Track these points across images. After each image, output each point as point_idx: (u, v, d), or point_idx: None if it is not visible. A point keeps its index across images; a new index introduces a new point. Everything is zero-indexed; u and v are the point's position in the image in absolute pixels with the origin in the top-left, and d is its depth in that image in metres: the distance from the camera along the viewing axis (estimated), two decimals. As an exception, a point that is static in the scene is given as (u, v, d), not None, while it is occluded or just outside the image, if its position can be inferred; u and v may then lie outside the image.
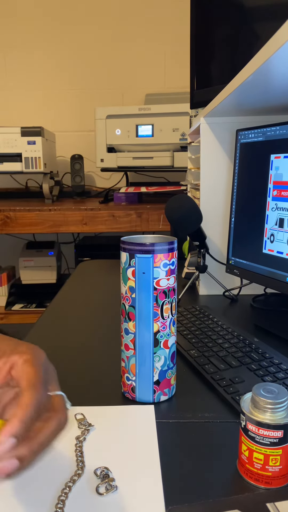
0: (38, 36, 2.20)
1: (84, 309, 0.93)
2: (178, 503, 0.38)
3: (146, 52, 2.19)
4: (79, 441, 0.46)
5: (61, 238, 2.28)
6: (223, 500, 0.38)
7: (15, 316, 1.92)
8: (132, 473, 0.42)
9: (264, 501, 0.41)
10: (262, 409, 0.39)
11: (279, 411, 0.39)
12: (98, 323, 0.84)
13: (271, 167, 0.80)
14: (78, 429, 0.49)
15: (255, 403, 0.40)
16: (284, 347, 0.71)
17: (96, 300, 0.98)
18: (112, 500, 0.38)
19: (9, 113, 2.26)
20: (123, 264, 0.53)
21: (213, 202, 0.99)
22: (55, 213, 1.70)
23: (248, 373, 0.58)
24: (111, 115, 1.86)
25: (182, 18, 2.00)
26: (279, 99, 0.78)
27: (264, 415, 0.39)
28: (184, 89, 1.80)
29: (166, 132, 1.82)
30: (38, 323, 0.85)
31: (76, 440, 0.47)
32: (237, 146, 0.91)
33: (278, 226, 0.78)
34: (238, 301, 0.97)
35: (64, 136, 2.23)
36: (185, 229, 0.93)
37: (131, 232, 1.69)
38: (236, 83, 0.66)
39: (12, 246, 2.26)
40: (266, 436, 0.39)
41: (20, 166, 1.81)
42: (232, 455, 0.44)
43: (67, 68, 2.23)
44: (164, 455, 0.44)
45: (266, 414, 0.39)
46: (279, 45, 0.47)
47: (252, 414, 0.40)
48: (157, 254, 0.51)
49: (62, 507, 0.37)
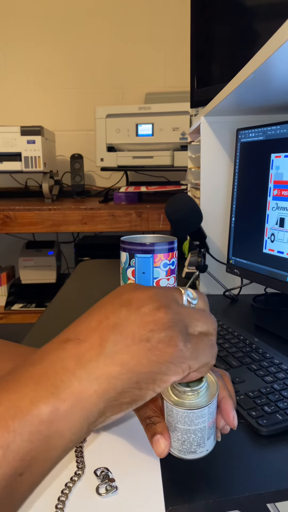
0: (38, 35, 2.20)
1: (84, 309, 0.92)
2: (178, 504, 0.38)
3: (146, 51, 2.19)
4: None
5: (61, 237, 2.27)
6: (223, 501, 0.38)
7: (15, 316, 1.92)
8: (132, 473, 0.41)
9: (264, 501, 0.41)
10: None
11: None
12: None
13: (272, 166, 0.80)
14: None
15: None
16: (285, 347, 0.71)
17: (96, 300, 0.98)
18: (112, 500, 0.38)
19: (8, 112, 2.26)
20: (123, 264, 0.53)
21: (213, 201, 0.99)
22: (54, 213, 1.70)
23: (248, 373, 0.58)
24: (111, 114, 1.86)
25: (182, 18, 1.99)
26: (279, 98, 0.78)
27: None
28: (184, 88, 1.80)
29: (166, 131, 1.81)
30: (38, 323, 0.85)
31: (76, 440, 0.47)
32: (238, 145, 0.91)
33: (279, 226, 0.78)
34: (238, 301, 0.97)
35: (64, 135, 2.22)
36: (185, 229, 0.93)
37: (131, 231, 1.69)
38: (236, 82, 0.66)
39: (11, 245, 2.25)
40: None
41: (20, 166, 1.81)
42: (232, 455, 0.44)
43: (67, 67, 2.23)
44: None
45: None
46: (279, 44, 0.47)
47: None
48: (157, 254, 0.51)
49: (62, 507, 0.37)
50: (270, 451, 0.45)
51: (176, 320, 0.31)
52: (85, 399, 0.29)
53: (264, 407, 0.50)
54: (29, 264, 2.03)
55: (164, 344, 0.30)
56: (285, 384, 0.54)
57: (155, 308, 0.31)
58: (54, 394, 0.28)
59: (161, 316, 0.31)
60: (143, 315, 0.31)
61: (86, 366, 0.29)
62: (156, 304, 0.32)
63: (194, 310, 0.34)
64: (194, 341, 0.32)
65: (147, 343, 0.30)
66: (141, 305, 0.32)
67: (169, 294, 0.34)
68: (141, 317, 0.31)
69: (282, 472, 0.41)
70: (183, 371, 0.31)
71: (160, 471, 0.42)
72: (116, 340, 0.30)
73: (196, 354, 0.32)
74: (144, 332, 0.30)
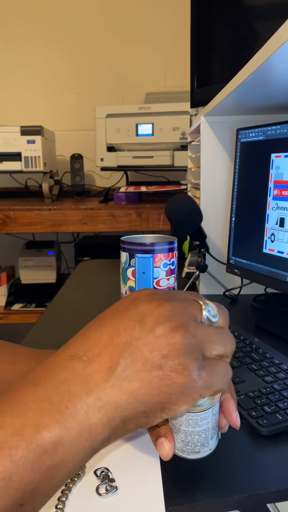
0: (38, 35, 2.20)
1: (84, 309, 0.92)
2: (178, 504, 0.38)
3: (146, 50, 2.19)
4: (79, 441, 0.46)
5: (61, 237, 2.27)
6: (223, 501, 0.38)
7: (15, 316, 1.92)
8: (132, 473, 0.41)
9: (264, 501, 0.41)
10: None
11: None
12: (98, 323, 0.84)
13: (272, 166, 0.80)
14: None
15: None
16: (285, 347, 0.71)
17: (96, 300, 0.98)
18: (112, 501, 0.38)
19: (8, 112, 2.26)
20: (123, 264, 0.53)
21: (213, 201, 0.99)
22: (54, 213, 1.70)
23: (248, 373, 0.58)
24: (111, 114, 1.86)
25: (182, 18, 1.99)
26: (279, 98, 0.78)
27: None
28: (184, 88, 1.80)
29: (166, 131, 1.81)
30: (38, 323, 0.85)
31: (76, 440, 0.47)
32: (238, 145, 0.91)
33: (279, 226, 0.78)
34: (238, 301, 0.97)
35: (64, 135, 2.22)
36: (185, 229, 0.93)
37: (131, 231, 1.69)
38: (236, 82, 0.66)
39: (11, 245, 2.25)
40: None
41: (20, 165, 1.81)
42: (232, 455, 0.44)
43: (67, 67, 2.23)
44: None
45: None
46: (279, 44, 0.47)
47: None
48: (157, 254, 0.51)
49: (62, 507, 0.37)
50: (270, 451, 0.45)
51: (193, 344, 0.29)
52: (91, 428, 0.28)
53: (264, 407, 0.50)
54: (29, 264, 2.03)
55: (177, 374, 0.29)
56: (285, 384, 0.54)
57: (171, 329, 0.29)
58: (59, 422, 0.27)
59: (177, 340, 0.29)
60: (158, 337, 0.29)
61: (93, 392, 0.28)
62: (172, 324, 0.29)
63: (213, 330, 0.32)
64: (208, 368, 0.30)
65: (159, 371, 0.29)
66: (156, 324, 0.29)
67: (188, 311, 0.31)
68: (155, 339, 0.29)
69: (282, 472, 0.41)
70: (193, 400, 0.30)
71: (160, 471, 0.42)
72: (126, 364, 0.29)
73: (209, 382, 0.30)
74: (157, 358, 0.29)
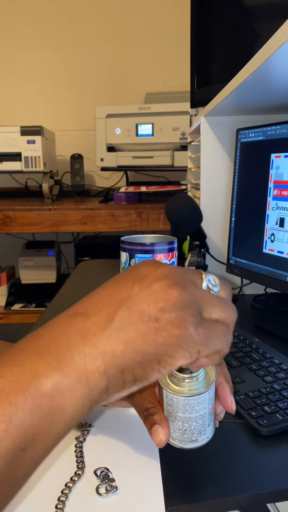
0: (38, 35, 2.20)
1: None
2: (178, 504, 0.38)
3: (146, 51, 2.19)
4: (79, 441, 0.46)
5: (61, 237, 2.27)
6: (223, 501, 0.38)
7: (15, 316, 1.92)
8: (132, 473, 0.41)
9: (264, 501, 0.41)
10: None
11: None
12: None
13: (272, 166, 0.80)
14: (78, 430, 0.49)
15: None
16: (285, 347, 0.71)
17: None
18: (112, 500, 0.38)
19: (8, 112, 2.26)
20: (123, 264, 0.53)
21: (213, 201, 0.99)
22: (54, 213, 1.70)
23: (248, 373, 0.58)
24: (111, 114, 1.86)
25: (182, 18, 1.99)
26: (279, 98, 0.78)
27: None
28: (184, 88, 1.79)
29: (166, 131, 1.81)
30: (38, 323, 0.85)
31: (76, 440, 0.47)
32: (238, 145, 0.91)
33: (279, 226, 0.78)
34: (238, 301, 0.97)
35: (63, 135, 2.22)
36: (185, 229, 0.93)
37: (131, 231, 1.69)
38: (236, 82, 0.66)
39: (11, 245, 2.25)
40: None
41: (20, 166, 1.81)
42: (232, 455, 0.44)
43: (67, 67, 2.23)
44: (164, 456, 0.44)
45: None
46: (279, 44, 0.47)
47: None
48: (157, 254, 0.51)
49: (62, 507, 0.37)
50: (270, 451, 0.45)
51: (190, 301, 0.30)
52: (88, 375, 0.28)
53: (264, 407, 0.50)
54: (29, 264, 2.03)
55: (173, 326, 0.29)
56: (285, 384, 0.54)
57: (168, 286, 0.29)
58: (56, 369, 0.28)
59: (174, 295, 0.29)
60: (155, 292, 0.29)
61: (90, 341, 0.29)
62: (170, 282, 0.30)
63: (213, 296, 0.32)
64: (207, 326, 0.30)
65: (155, 322, 0.29)
66: (154, 282, 0.30)
67: (187, 275, 0.32)
68: (152, 294, 0.29)
69: (282, 472, 0.41)
70: (191, 356, 0.30)
71: (160, 471, 0.42)
72: (122, 315, 0.29)
73: (207, 339, 0.30)
74: (153, 311, 0.29)
